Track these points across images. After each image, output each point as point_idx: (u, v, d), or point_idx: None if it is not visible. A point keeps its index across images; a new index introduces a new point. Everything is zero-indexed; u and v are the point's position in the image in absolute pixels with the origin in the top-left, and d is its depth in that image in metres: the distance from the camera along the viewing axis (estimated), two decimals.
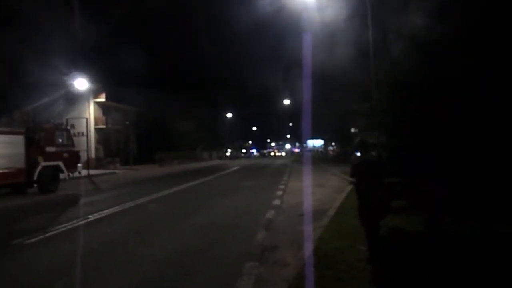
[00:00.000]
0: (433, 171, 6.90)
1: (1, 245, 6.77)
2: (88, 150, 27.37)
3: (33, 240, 7.05)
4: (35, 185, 14.96)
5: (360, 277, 4.60)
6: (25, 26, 27.63)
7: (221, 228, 7.96)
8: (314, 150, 69.51)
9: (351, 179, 5.90)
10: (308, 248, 5.83)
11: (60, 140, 16.31)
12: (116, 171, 30.51)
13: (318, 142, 66.38)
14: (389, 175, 5.95)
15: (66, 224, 8.40)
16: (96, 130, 37.39)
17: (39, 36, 26.86)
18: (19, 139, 14.47)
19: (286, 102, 55.49)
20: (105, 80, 36.00)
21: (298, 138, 75.99)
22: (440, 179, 6.73)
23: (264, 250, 6.09)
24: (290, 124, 79.68)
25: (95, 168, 30.79)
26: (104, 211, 10.03)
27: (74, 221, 8.72)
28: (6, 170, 13.71)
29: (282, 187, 15.13)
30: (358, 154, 5.80)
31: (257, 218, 8.78)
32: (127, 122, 39.34)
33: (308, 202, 10.69)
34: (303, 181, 17.78)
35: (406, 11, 9.01)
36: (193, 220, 8.91)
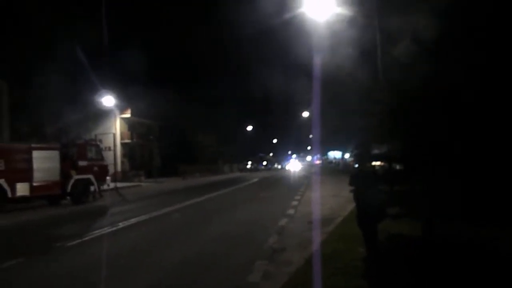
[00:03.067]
0: (437, 176, 7.42)
1: (47, 247, 7.83)
2: (115, 164, 28.84)
3: (73, 243, 8.09)
4: (68, 197, 16.23)
5: (353, 273, 5.31)
6: (53, 45, 29.69)
7: (237, 233, 8.79)
8: (335, 161, 69.61)
9: (350, 188, 6.66)
10: (311, 249, 6.58)
11: (91, 154, 17.60)
12: (141, 183, 31.86)
13: (338, 154, 66.56)
14: (382, 184, 6.64)
15: (100, 230, 9.42)
16: (122, 144, 39.05)
17: (68, 56, 28.78)
18: (55, 154, 15.81)
19: (305, 114, 56.02)
20: (129, 96, 37.72)
21: (318, 149, 76.13)
22: (442, 185, 7.25)
23: (273, 252, 6.87)
24: (310, 136, 79.96)
25: (121, 181, 32.19)
26: (132, 220, 11.03)
27: (106, 228, 9.73)
28: (43, 183, 15.01)
29: (298, 197, 15.82)
30: (356, 165, 6.57)
31: (271, 225, 9.55)
32: (151, 137, 40.94)
33: (320, 211, 11.36)
34: (319, 192, 18.39)
35: (410, 11, 9.22)
36: (213, 226, 9.79)
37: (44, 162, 15.18)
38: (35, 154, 14.95)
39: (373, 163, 9.80)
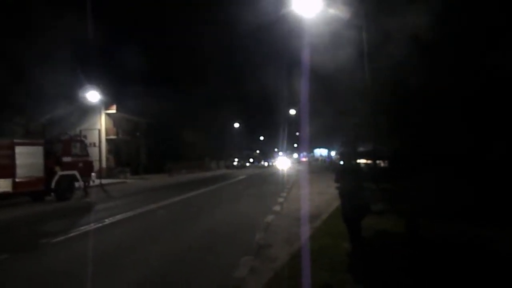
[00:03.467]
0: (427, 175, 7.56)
1: (32, 244, 7.74)
2: (99, 160, 28.49)
3: (58, 239, 8.02)
4: (52, 193, 15.99)
5: (338, 267, 5.44)
6: (38, 39, 29.12)
7: (224, 230, 8.84)
8: (321, 159, 70.29)
9: (336, 184, 6.78)
10: (297, 245, 6.68)
11: (75, 150, 17.36)
12: (127, 180, 31.56)
13: (324, 152, 67.31)
14: (368, 181, 6.77)
15: (85, 227, 9.35)
16: (107, 140, 38.56)
17: (52, 51, 28.26)
18: (39, 150, 15.54)
19: (292, 112, 56.29)
20: (116, 92, 37.33)
21: (305, 147, 76.71)
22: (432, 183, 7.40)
23: (259, 248, 6.94)
24: (297, 133, 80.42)
25: (106, 177, 31.85)
26: (117, 216, 10.96)
27: (92, 224, 9.67)
28: (27, 179, 14.76)
29: (284, 194, 15.94)
30: (342, 162, 6.69)
31: (257, 221, 9.62)
32: (137, 133, 40.56)
33: (306, 208, 11.50)
34: (305, 189, 18.57)
35: (408, 11, 9.24)
36: (199, 223, 9.82)
37: (27, 158, 14.91)
38: (18, 149, 14.67)
39: (359, 160, 9.95)
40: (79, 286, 5.46)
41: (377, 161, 11.60)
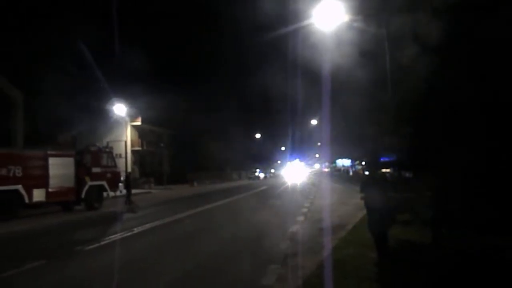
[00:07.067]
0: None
1: (67, 251, 8.11)
2: (126, 171, 29.25)
3: (91, 247, 8.37)
4: (82, 203, 16.57)
5: (364, 276, 5.50)
6: (68, 53, 30.35)
7: (250, 238, 9.02)
8: (343, 169, 69.51)
9: (361, 195, 6.87)
10: (323, 254, 6.78)
11: (104, 161, 17.98)
12: (152, 190, 32.22)
13: (347, 162, 66.54)
14: (392, 191, 6.83)
15: (116, 235, 9.70)
16: (133, 152, 39.51)
17: (81, 67, 29.40)
18: (70, 161, 16.20)
19: (314, 122, 56.13)
20: (140, 103, 38.16)
21: (326, 157, 76.11)
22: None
23: (286, 256, 7.06)
24: (319, 143, 79.90)
25: (131, 187, 32.53)
26: (146, 225, 11.30)
27: (122, 233, 10.01)
28: (59, 189, 15.39)
29: (308, 205, 15.98)
30: (367, 172, 6.78)
31: (282, 231, 9.75)
32: (161, 144, 41.42)
33: (330, 218, 11.52)
34: (328, 199, 18.53)
35: (417, 12, 9.13)
36: (226, 232, 10.05)
37: (59, 169, 15.56)
38: (51, 161, 15.34)
39: (383, 170, 9.96)
40: None
41: (402, 171, 11.59)
